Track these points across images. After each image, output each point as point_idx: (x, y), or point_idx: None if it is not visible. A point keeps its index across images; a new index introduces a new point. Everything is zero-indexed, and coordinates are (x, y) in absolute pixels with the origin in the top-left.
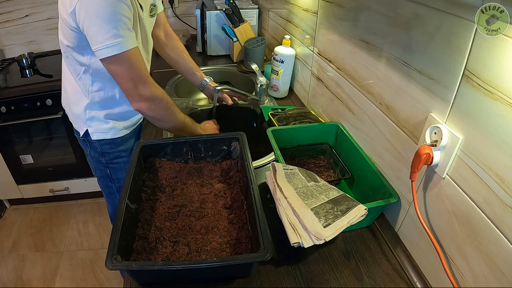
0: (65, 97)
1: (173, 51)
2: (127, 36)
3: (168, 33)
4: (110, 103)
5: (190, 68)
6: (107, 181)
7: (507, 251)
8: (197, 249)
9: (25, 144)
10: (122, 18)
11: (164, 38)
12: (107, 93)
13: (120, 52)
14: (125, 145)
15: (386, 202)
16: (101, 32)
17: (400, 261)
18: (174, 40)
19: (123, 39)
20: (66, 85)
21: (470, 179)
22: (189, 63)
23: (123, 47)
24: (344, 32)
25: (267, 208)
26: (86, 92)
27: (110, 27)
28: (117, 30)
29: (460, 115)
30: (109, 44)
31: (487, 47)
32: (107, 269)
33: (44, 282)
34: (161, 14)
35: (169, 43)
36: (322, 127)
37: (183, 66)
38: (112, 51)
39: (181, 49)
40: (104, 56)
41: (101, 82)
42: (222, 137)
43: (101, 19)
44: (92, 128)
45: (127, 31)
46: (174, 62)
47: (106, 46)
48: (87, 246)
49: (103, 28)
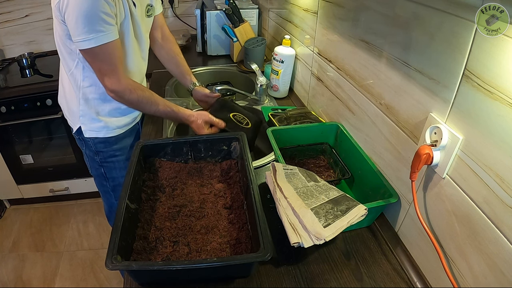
0: (62, 93)
1: (168, 53)
2: (104, 31)
3: (165, 35)
4: (101, 99)
5: (181, 71)
6: (102, 180)
7: (507, 251)
8: (197, 249)
9: (25, 144)
10: (99, 13)
11: (160, 40)
12: (98, 89)
13: (94, 46)
14: (120, 144)
15: (386, 202)
16: (78, 26)
17: (400, 261)
18: (170, 42)
19: (98, 34)
20: (63, 81)
21: (470, 179)
22: (182, 66)
23: (98, 41)
24: (344, 32)
25: (267, 208)
26: (77, 87)
27: (86, 22)
28: (92, 25)
29: (460, 115)
30: (85, 38)
31: (487, 47)
32: (107, 269)
33: (44, 282)
34: (159, 16)
35: (165, 45)
36: (322, 127)
37: (176, 69)
38: (87, 45)
39: (175, 52)
40: (80, 48)
41: (92, 77)
42: (222, 137)
43: (79, 14)
44: (85, 125)
45: (105, 26)
46: (168, 63)
47: (82, 40)
48: (87, 246)
49: (79, 22)
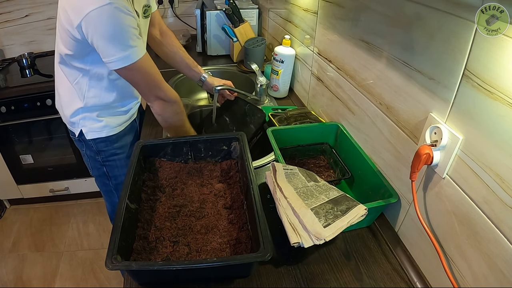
0: (58, 100)
1: (170, 49)
2: (136, 45)
3: (163, 31)
4: (103, 107)
5: (188, 64)
6: (104, 179)
7: (507, 251)
8: (197, 249)
9: (25, 144)
10: (129, 29)
11: (159, 36)
12: (102, 99)
13: (132, 63)
14: (120, 142)
15: (386, 202)
16: (111, 46)
17: (400, 261)
18: (170, 37)
19: (133, 49)
20: (60, 88)
21: (470, 179)
22: (186, 59)
23: (134, 57)
24: (344, 32)
25: (267, 208)
26: (81, 96)
27: (120, 41)
28: (127, 42)
29: (460, 115)
30: (121, 57)
31: (487, 47)
32: (107, 269)
33: (44, 282)
34: (155, 13)
35: (164, 41)
36: (322, 127)
37: (181, 63)
38: (124, 63)
39: (177, 46)
40: (116, 67)
41: (97, 89)
42: (222, 137)
43: (110, 34)
44: (86, 128)
45: (136, 40)
46: (171, 59)
47: (117, 59)
48: (87, 246)
49: (113, 42)
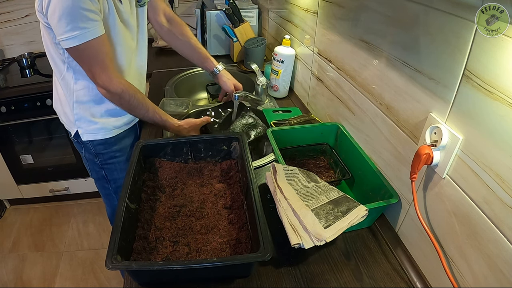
0: (57, 98)
1: (180, 37)
2: (88, 27)
3: (170, 18)
4: (94, 101)
5: (200, 55)
6: (103, 182)
7: (507, 251)
8: (197, 249)
9: (25, 144)
10: (80, 11)
11: (167, 24)
12: (91, 90)
13: (79, 43)
14: (119, 145)
15: (387, 203)
16: (61, 25)
17: (400, 261)
18: (179, 25)
19: (82, 31)
20: (56, 86)
21: (470, 179)
22: (199, 49)
23: (82, 39)
24: (344, 32)
25: (267, 208)
26: (70, 91)
27: (69, 20)
28: (76, 23)
29: (460, 115)
30: (69, 36)
31: (487, 47)
32: (107, 269)
33: (44, 282)
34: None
35: (174, 29)
36: (322, 127)
37: (193, 53)
38: (72, 43)
39: (188, 35)
40: (65, 46)
41: (84, 80)
42: (222, 137)
43: (61, 12)
44: (82, 129)
45: (88, 22)
46: (182, 48)
47: (66, 38)
48: (87, 246)
49: (62, 21)
